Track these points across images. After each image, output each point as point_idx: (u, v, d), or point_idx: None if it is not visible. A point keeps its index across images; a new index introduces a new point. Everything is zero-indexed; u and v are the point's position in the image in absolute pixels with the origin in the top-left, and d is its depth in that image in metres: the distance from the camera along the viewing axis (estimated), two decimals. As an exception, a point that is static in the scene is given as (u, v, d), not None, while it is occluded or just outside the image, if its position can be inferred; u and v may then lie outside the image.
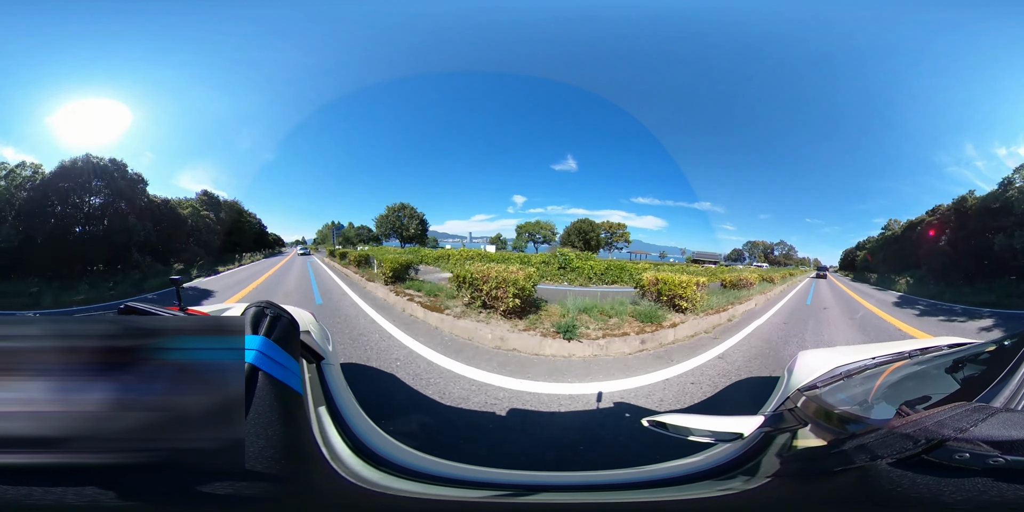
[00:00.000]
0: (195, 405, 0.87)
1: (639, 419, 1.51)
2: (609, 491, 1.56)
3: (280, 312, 1.31)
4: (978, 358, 1.55)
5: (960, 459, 0.89)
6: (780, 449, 1.45)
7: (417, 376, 4.63)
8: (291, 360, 1.22)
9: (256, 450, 0.96)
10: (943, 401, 1.22)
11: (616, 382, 4.74)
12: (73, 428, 0.84)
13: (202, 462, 0.87)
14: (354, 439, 1.45)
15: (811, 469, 1.17)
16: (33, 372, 0.86)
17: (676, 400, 4.32)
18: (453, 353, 5.54)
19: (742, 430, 1.41)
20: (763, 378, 4.94)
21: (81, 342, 0.88)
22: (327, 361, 1.77)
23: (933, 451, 0.91)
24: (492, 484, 1.54)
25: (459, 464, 1.66)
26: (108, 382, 0.86)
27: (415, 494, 1.29)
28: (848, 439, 1.09)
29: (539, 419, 3.80)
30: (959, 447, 0.89)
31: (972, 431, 0.89)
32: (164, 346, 0.90)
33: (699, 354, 5.96)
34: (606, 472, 1.80)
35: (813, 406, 1.52)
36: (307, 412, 1.28)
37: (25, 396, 0.84)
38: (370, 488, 1.23)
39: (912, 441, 0.94)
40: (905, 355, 2.00)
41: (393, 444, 1.67)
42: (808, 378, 1.88)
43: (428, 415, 3.78)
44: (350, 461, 1.31)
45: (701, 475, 1.56)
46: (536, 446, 3.37)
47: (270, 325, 1.23)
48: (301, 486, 1.03)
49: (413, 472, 1.45)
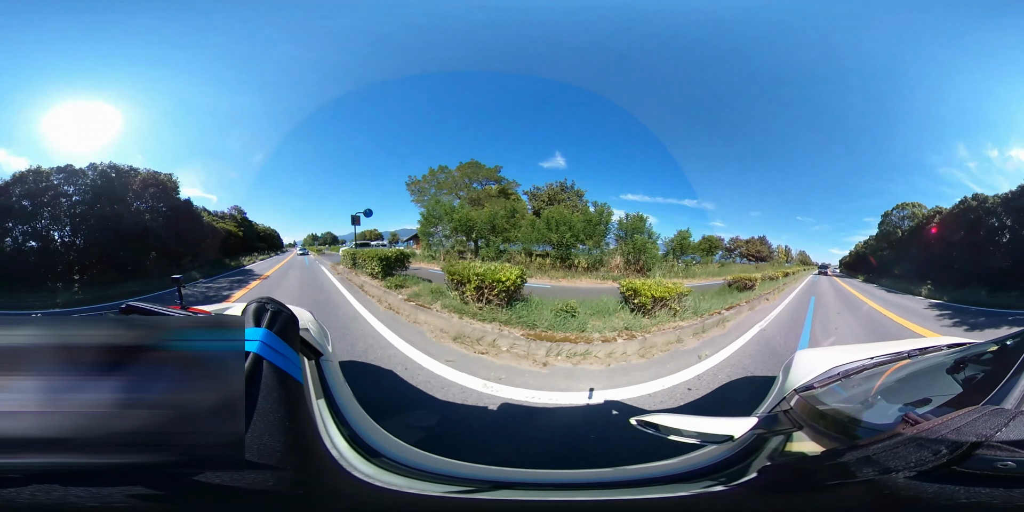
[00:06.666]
0: (200, 400, 0.87)
1: (627, 418, 1.48)
2: (577, 490, 1.53)
3: (281, 308, 1.34)
4: (980, 358, 1.52)
5: (1005, 468, 0.84)
6: (772, 453, 1.41)
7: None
8: (292, 352, 1.24)
9: (263, 439, 0.97)
10: (947, 404, 1.17)
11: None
12: (77, 428, 0.83)
13: (208, 456, 0.87)
14: (351, 432, 1.46)
15: (802, 479, 1.12)
16: (35, 372, 0.85)
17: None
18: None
19: (733, 432, 1.37)
20: (762, 378, 4.90)
21: (83, 341, 0.87)
22: (326, 358, 1.78)
23: (964, 461, 0.86)
24: (476, 480, 1.53)
25: (451, 460, 1.66)
26: (111, 381, 0.86)
27: (408, 489, 1.29)
28: (848, 450, 1.03)
29: (529, 415, 3.81)
30: (994, 455, 0.84)
31: (998, 437, 0.84)
32: (166, 343, 0.90)
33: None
34: (580, 471, 1.76)
35: (809, 408, 1.49)
36: (309, 403, 1.30)
37: (28, 396, 0.83)
38: (368, 481, 1.23)
39: (933, 451, 0.88)
40: (904, 355, 1.97)
41: (389, 439, 1.68)
42: (805, 378, 1.85)
43: (424, 411, 3.83)
44: (347, 454, 1.31)
45: (682, 476, 1.52)
46: (524, 441, 3.41)
47: (271, 319, 1.26)
48: (303, 476, 1.03)
49: (407, 467, 1.46)
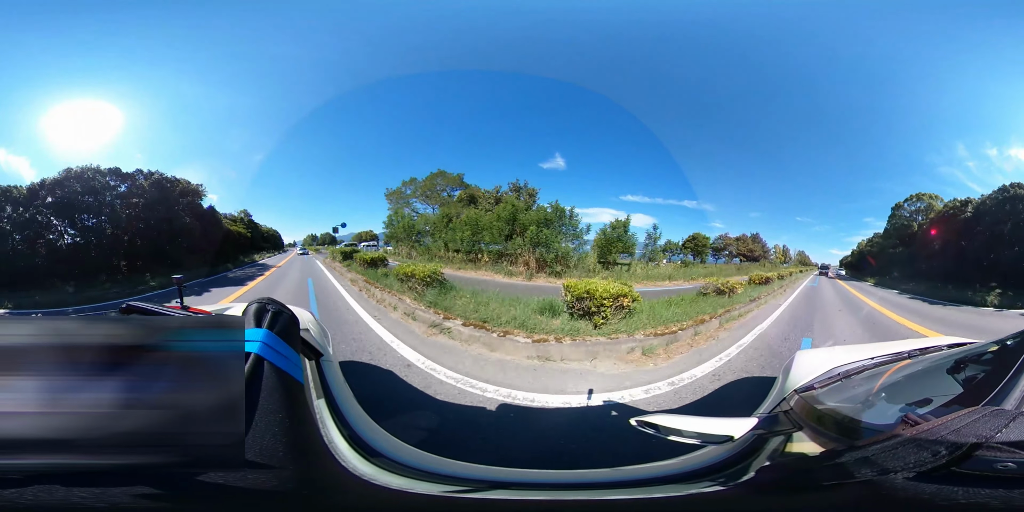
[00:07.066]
0: (201, 400, 0.87)
1: (627, 418, 1.47)
2: (576, 490, 1.53)
3: (281, 308, 1.34)
4: (981, 359, 1.51)
5: (1006, 469, 0.83)
6: (771, 454, 1.40)
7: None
8: (293, 353, 1.24)
9: (264, 440, 0.97)
10: (948, 404, 1.17)
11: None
12: (78, 428, 0.82)
13: (209, 456, 0.87)
14: (351, 432, 1.46)
15: (801, 479, 1.12)
16: (36, 372, 0.84)
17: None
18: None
19: (733, 433, 1.36)
20: (762, 378, 4.89)
21: (84, 341, 0.87)
22: (326, 358, 1.78)
23: (963, 461, 0.86)
24: (475, 480, 1.54)
25: (450, 460, 1.66)
26: (112, 381, 0.85)
27: (407, 488, 1.29)
28: (848, 451, 1.03)
29: (529, 415, 3.85)
30: (994, 456, 0.84)
31: (998, 437, 0.83)
32: (167, 343, 0.89)
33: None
34: (579, 471, 1.76)
35: (809, 408, 1.48)
36: (309, 403, 1.30)
37: (28, 397, 0.83)
38: (368, 480, 1.23)
39: (933, 452, 0.88)
40: (905, 355, 1.96)
41: (388, 439, 1.67)
42: (805, 379, 1.84)
43: (424, 411, 3.85)
44: (347, 454, 1.31)
45: (681, 477, 1.52)
46: (524, 441, 3.45)
47: (272, 320, 1.26)
48: (304, 476, 1.03)
49: (407, 467, 1.45)
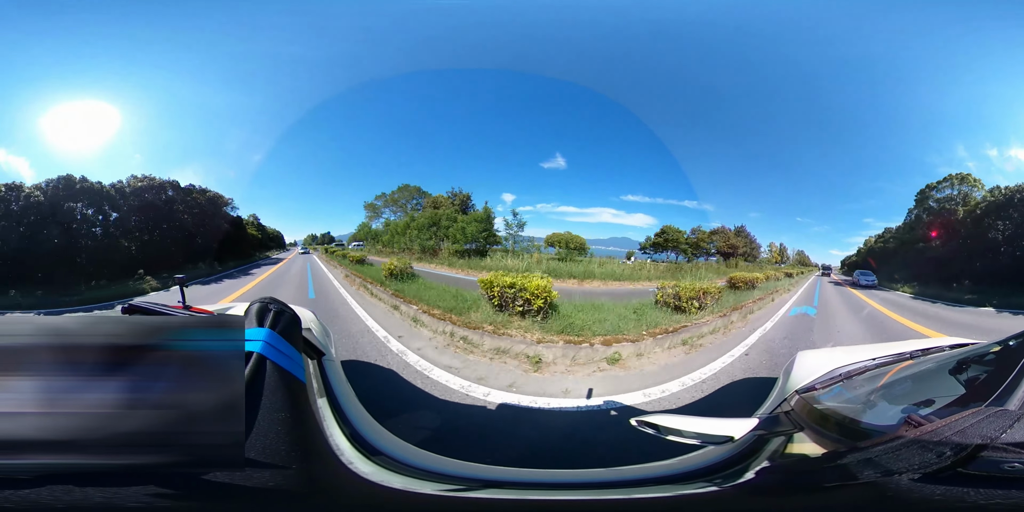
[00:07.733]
0: (203, 400, 0.87)
1: (627, 418, 1.46)
2: (575, 490, 1.52)
3: (283, 308, 1.34)
4: (983, 359, 1.50)
5: (1012, 469, 0.83)
6: (772, 454, 1.39)
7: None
8: (295, 352, 1.25)
9: (267, 439, 0.97)
10: (950, 405, 1.16)
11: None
12: (81, 429, 0.82)
13: (212, 455, 0.86)
14: (352, 431, 1.47)
15: (801, 480, 1.11)
16: (39, 373, 0.84)
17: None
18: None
19: (733, 433, 1.35)
20: (763, 379, 4.88)
21: (86, 342, 0.86)
22: (328, 357, 1.78)
23: (969, 463, 0.85)
24: (476, 479, 1.53)
25: (451, 459, 1.66)
26: (114, 381, 0.85)
27: (408, 487, 1.29)
28: (850, 452, 1.02)
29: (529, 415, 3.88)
30: (1000, 457, 0.83)
31: (1003, 438, 0.83)
32: (169, 343, 0.89)
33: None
34: (578, 471, 1.75)
35: (810, 409, 1.47)
36: (311, 402, 1.31)
37: (31, 397, 0.82)
38: (369, 479, 1.23)
39: (937, 453, 0.87)
40: (907, 356, 1.95)
41: (390, 438, 1.67)
42: (806, 379, 1.83)
43: (425, 410, 3.88)
44: (349, 453, 1.31)
45: (679, 477, 1.51)
46: (524, 442, 3.46)
47: (274, 319, 1.27)
48: (306, 474, 1.03)
49: (408, 466, 1.45)
